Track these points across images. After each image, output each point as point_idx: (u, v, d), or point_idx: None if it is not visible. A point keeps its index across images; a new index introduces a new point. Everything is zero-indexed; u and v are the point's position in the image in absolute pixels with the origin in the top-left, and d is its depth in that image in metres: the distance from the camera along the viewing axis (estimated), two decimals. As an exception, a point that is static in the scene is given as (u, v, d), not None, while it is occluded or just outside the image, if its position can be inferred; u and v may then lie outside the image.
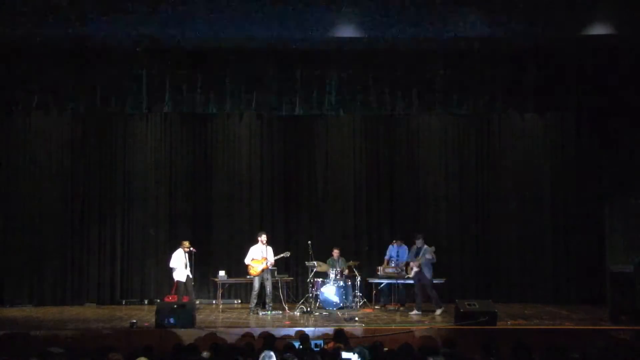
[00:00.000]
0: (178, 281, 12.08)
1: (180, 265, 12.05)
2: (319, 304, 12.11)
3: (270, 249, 11.97)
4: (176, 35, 11.36)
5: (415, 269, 11.84)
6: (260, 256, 11.85)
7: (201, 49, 12.02)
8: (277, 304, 12.09)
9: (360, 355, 6.33)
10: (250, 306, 11.94)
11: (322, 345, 7.91)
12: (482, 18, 11.16)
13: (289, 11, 10.99)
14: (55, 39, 11.49)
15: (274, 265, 12.17)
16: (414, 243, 12.02)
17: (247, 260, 11.95)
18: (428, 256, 11.71)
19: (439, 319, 11.24)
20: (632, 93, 11.87)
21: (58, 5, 10.70)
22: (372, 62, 12.34)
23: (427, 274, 11.79)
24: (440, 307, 11.66)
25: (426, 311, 11.68)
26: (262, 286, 11.91)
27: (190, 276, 12.18)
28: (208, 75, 12.27)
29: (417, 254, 11.87)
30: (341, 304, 12.16)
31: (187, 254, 12.12)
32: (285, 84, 12.41)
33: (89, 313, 11.96)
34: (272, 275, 12.12)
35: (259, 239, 11.97)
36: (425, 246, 11.83)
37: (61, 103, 12.78)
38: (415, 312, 11.74)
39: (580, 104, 12.69)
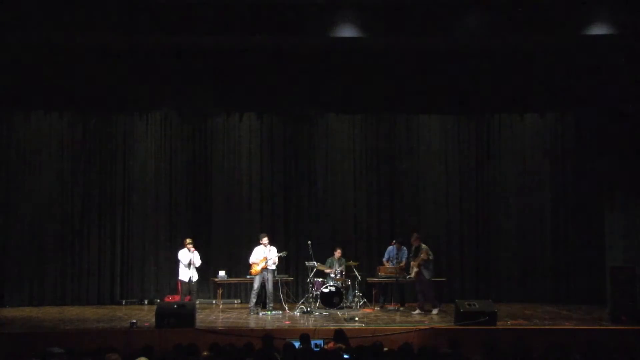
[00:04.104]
0: (181, 281, 12.01)
1: (185, 264, 11.93)
2: (319, 304, 12.10)
3: (273, 248, 11.98)
4: (176, 36, 11.38)
5: (415, 269, 11.85)
6: (261, 256, 11.85)
7: (201, 49, 12.03)
8: (277, 304, 12.09)
9: None
10: (249, 305, 11.93)
11: (322, 345, 7.89)
12: (482, 19, 11.17)
13: (289, 11, 11.01)
14: (55, 40, 11.52)
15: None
16: (412, 243, 12.03)
17: (251, 259, 11.98)
18: (423, 256, 11.73)
19: (436, 318, 11.25)
20: (631, 93, 11.87)
21: (57, 9, 10.75)
22: (372, 62, 12.35)
23: (424, 273, 11.81)
24: (436, 307, 11.70)
25: (428, 311, 11.72)
26: (263, 286, 11.91)
27: (194, 278, 11.88)
28: (208, 75, 12.29)
29: (415, 254, 11.89)
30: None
31: (192, 254, 11.91)
32: (285, 84, 12.42)
33: (89, 313, 11.96)
34: (273, 275, 12.11)
35: (261, 242, 11.94)
36: (423, 245, 11.86)
37: (61, 103, 12.85)
38: (417, 311, 11.76)
39: (580, 104, 12.73)
